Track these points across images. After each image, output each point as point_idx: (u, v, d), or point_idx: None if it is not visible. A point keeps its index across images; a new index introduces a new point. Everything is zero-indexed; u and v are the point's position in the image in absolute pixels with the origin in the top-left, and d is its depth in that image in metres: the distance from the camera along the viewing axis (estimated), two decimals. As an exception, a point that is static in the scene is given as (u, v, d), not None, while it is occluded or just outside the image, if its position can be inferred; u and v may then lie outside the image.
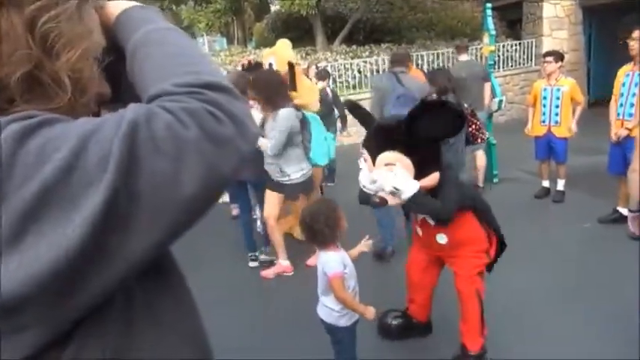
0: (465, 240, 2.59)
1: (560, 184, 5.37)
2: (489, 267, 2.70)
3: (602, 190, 5.27)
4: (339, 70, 10.04)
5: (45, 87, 0.65)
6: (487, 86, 6.02)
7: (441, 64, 10.38)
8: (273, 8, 17.16)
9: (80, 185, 0.55)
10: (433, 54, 10.67)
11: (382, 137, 2.41)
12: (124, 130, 0.57)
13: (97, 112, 0.78)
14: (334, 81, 9.51)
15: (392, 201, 2.37)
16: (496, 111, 6.20)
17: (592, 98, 11.13)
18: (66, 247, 0.53)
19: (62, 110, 0.64)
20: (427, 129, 2.24)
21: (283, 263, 4.17)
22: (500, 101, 5.98)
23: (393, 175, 2.30)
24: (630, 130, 4.31)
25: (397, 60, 4.65)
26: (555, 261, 3.95)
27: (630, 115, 4.33)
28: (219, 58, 11.19)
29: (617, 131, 4.44)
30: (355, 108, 2.71)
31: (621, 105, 4.44)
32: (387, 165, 2.34)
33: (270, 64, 4.46)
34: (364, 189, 2.46)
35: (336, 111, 6.63)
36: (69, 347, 0.61)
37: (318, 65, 7.70)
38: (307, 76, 6.35)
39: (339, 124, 6.81)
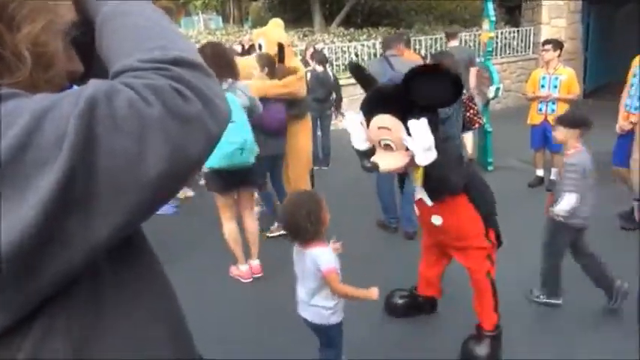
0: (459, 224, 2.57)
1: (554, 174, 5.39)
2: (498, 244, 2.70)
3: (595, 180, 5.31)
4: (336, 53, 9.95)
5: (5, 60, 0.62)
6: (472, 71, 6.06)
7: (438, 49, 10.31)
8: (271, -13, 16.89)
9: (34, 164, 0.52)
10: (431, 38, 10.59)
11: (379, 100, 2.39)
12: (81, 107, 0.55)
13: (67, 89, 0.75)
14: (330, 64, 9.43)
15: (383, 167, 2.36)
16: (493, 99, 6.19)
17: (588, 88, 11.12)
18: (21, 229, 0.52)
19: (23, 85, 0.62)
20: (424, 94, 2.19)
21: (241, 268, 3.83)
22: (498, 89, 5.97)
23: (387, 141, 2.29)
24: (634, 124, 4.18)
25: (388, 44, 4.66)
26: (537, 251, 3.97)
27: (636, 108, 4.17)
28: (215, 36, 11.05)
29: (622, 124, 4.32)
30: (358, 71, 2.68)
31: (630, 96, 4.27)
32: (380, 128, 2.32)
33: (260, 45, 4.42)
34: (360, 145, 2.48)
35: (333, 95, 6.60)
36: (33, 329, 0.60)
37: (316, 47, 7.61)
38: (305, 58, 6.30)
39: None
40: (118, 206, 0.57)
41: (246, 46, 6.64)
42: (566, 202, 2.85)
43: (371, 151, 2.42)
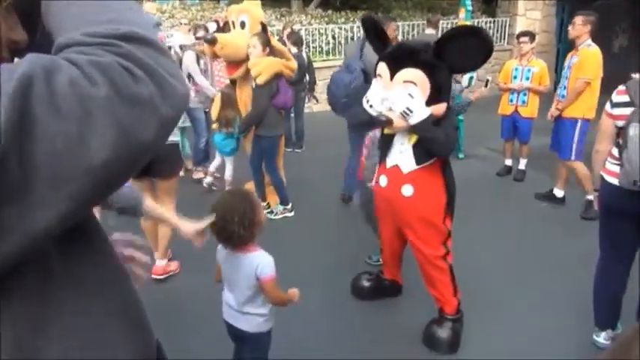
0: (427, 197, 2.57)
1: (522, 164, 5.51)
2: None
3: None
4: (313, 35, 9.85)
5: None
6: None
7: (416, 35, 10.33)
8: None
9: None
10: (409, 25, 10.59)
11: (407, 54, 2.42)
12: (14, 86, 0.49)
13: (10, 60, 0.68)
14: (307, 45, 9.33)
15: (398, 122, 2.39)
16: (467, 87, 6.24)
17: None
18: None
19: None
20: (455, 55, 2.31)
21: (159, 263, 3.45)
22: (471, 78, 6.01)
23: (409, 97, 2.31)
24: (561, 110, 4.50)
25: None
26: (511, 237, 4.09)
27: (563, 96, 4.54)
28: (191, 12, 10.79)
29: (551, 111, 4.62)
30: (370, 22, 2.67)
31: (559, 87, 4.68)
32: (405, 82, 2.35)
33: (243, 23, 4.32)
34: (370, 109, 2.47)
35: (307, 77, 6.53)
36: None
37: (293, 28, 7.52)
38: (282, 39, 6.21)
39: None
40: (58, 195, 0.52)
41: (221, 23, 6.49)
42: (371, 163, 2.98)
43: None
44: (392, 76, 2.41)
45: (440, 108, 2.43)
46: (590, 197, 4.35)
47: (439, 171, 2.58)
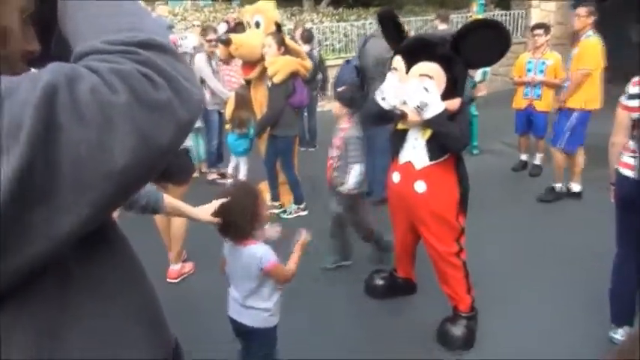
0: (440, 193, 2.55)
1: (538, 158, 5.44)
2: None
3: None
4: (325, 33, 9.84)
5: None
6: None
7: (428, 30, 10.25)
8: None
9: None
10: (421, 20, 10.52)
11: (423, 48, 2.42)
12: (39, 95, 0.51)
13: (24, 70, 0.69)
14: (319, 44, 9.33)
15: (412, 116, 2.39)
16: (480, 82, 6.18)
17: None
18: None
19: None
20: (472, 49, 2.31)
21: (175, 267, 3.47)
22: (485, 72, 5.95)
23: (425, 91, 2.31)
24: (563, 101, 4.55)
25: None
26: (526, 232, 4.04)
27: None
28: (203, 14, 10.87)
29: (553, 104, 4.83)
30: (387, 16, 2.69)
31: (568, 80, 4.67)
32: (421, 75, 2.35)
33: (258, 23, 4.34)
34: (382, 101, 2.48)
35: (320, 75, 6.53)
36: None
37: (305, 27, 7.53)
38: (294, 39, 6.23)
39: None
40: (82, 199, 0.54)
41: (232, 24, 6.53)
42: (355, 174, 3.10)
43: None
44: (408, 70, 2.40)
45: (455, 103, 2.42)
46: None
47: (452, 167, 2.57)
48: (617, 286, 2.60)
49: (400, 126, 2.60)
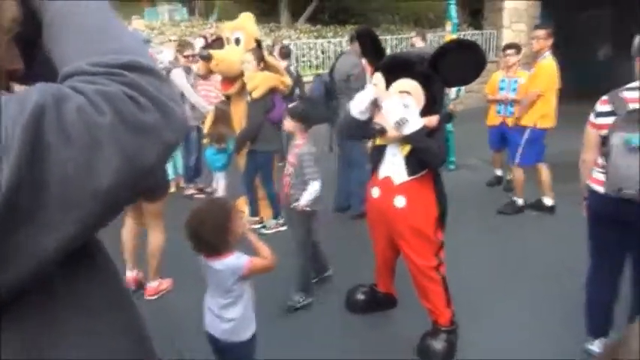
0: (419, 208, 2.59)
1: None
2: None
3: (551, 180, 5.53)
4: (302, 49, 9.93)
5: None
6: None
7: (404, 49, 10.45)
8: (238, -19, 16.68)
9: None
10: (397, 38, 10.72)
11: (403, 65, 2.48)
12: (28, 115, 0.51)
13: (8, 89, 0.70)
14: (297, 60, 9.41)
15: (391, 132, 2.42)
16: (454, 99, 6.32)
17: (545, 91, 11.51)
18: None
19: None
20: (449, 68, 2.38)
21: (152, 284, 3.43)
22: (459, 89, 6.10)
23: (404, 107, 2.35)
24: (517, 118, 4.81)
25: (350, 39, 4.77)
26: (501, 247, 4.11)
27: (511, 113, 5.02)
28: (180, 28, 10.85)
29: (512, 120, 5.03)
30: (366, 34, 2.73)
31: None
32: (401, 92, 2.39)
33: (238, 39, 4.36)
34: (360, 115, 2.50)
35: (297, 91, 6.56)
36: None
37: (283, 43, 7.59)
38: (272, 55, 6.27)
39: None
40: (67, 218, 0.55)
41: (209, 40, 6.53)
42: (312, 191, 3.03)
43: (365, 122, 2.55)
44: (387, 86, 2.45)
45: (433, 120, 2.47)
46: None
47: (431, 182, 2.61)
48: (592, 299, 2.66)
49: (379, 141, 2.64)
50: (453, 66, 2.38)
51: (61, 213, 0.54)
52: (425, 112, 2.43)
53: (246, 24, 4.44)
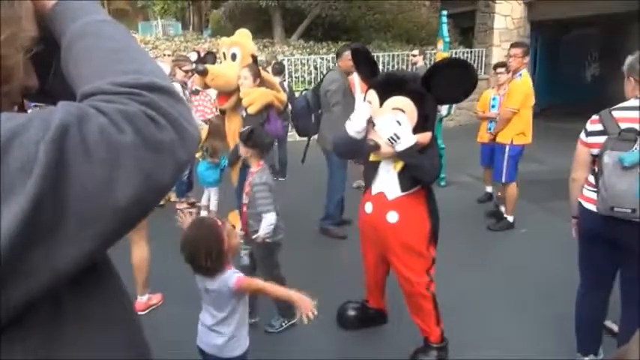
0: (412, 224, 2.60)
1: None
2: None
3: (540, 197, 5.59)
4: (295, 65, 10.01)
5: None
6: None
7: (396, 66, 10.58)
8: (232, -3, 16.85)
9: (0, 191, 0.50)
10: (389, 55, 10.85)
11: (396, 83, 2.51)
12: (53, 134, 0.53)
13: (21, 104, 0.73)
14: (290, 75, 9.47)
15: (385, 148, 2.45)
16: (446, 116, 6.39)
17: (535, 109, 11.66)
18: None
19: None
20: (442, 86, 2.43)
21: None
22: (450, 107, 6.16)
23: (397, 124, 2.38)
24: (493, 134, 4.96)
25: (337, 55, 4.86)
26: (492, 263, 4.13)
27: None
28: (174, 43, 10.89)
29: (485, 136, 5.25)
30: (361, 52, 2.77)
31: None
32: (394, 109, 2.43)
33: (234, 55, 4.39)
34: (357, 134, 2.52)
35: (290, 106, 6.60)
36: None
37: (277, 58, 7.65)
38: (266, 70, 6.31)
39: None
40: (85, 234, 0.56)
41: (202, 54, 6.57)
42: (267, 223, 2.83)
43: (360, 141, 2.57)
44: (381, 103, 2.49)
45: (426, 136, 2.51)
46: (510, 219, 4.91)
47: (423, 198, 2.63)
48: (582, 317, 2.68)
49: (373, 157, 2.66)
50: (446, 84, 2.43)
51: (80, 229, 0.55)
52: (417, 130, 2.46)
53: (242, 40, 4.48)
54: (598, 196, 2.35)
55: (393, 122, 2.39)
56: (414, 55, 7.56)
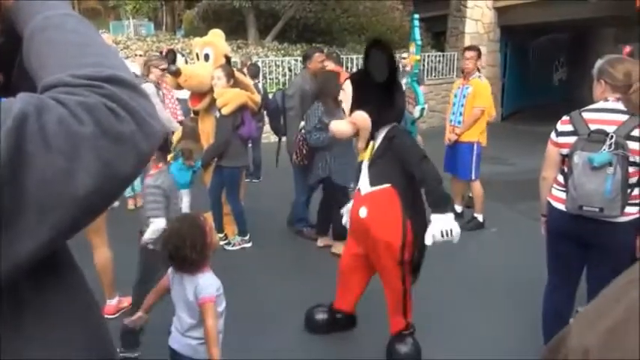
0: (381, 217, 2.62)
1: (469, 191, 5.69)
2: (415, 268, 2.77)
3: (509, 198, 5.71)
4: (269, 67, 9.99)
5: None
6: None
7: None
8: (205, -3, 16.72)
9: None
10: (362, 57, 10.92)
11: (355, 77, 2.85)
12: (10, 124, 0.53)
13: None
14: (264, 77, 9.45)
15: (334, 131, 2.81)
16: (418, 118, 6.46)
17: (505, 112, 11.95)
18: None
19: None
20: (373, 70, 2.64)
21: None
22: (423, 109, 6.22)
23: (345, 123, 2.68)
24: (459, 135, 4.98)
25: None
26: (462, 262, 4.20)
27: (459, 122, 5.01)
28: (146, 43, 10.74)
29: (449, 136, 5.11)
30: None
31: (453, 113, 5.13)
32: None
33: (207, 55, 4.35)
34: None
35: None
36: None
37: (251, 59, 7.62)
38: (242, 72, 6.27)
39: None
40: (44, 224, 0.56)
41: (165, 53, 6.46)
42: (154, 229, 2.60)
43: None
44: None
45: (356, 116, 2.67)
46: (480, 217, 5.04)
47: (394, 195, 2.63)
48: (549, 313, 2.74)
49: (360, 157, 2.81)
50: (376, 64, 2.62)
51: (38, 218, 0.55)
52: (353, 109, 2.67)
53: (215, 40, 4.45)
54: (567, 195, 2.41)
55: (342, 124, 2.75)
56: (404, 59, 7.08)
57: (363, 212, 2.65)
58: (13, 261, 0.56)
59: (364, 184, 2.69)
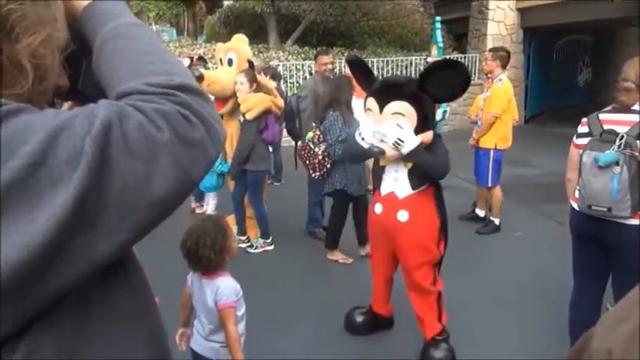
0: (421, 221, 2.67)
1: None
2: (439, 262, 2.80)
3: (533, 200, 5.64)
4: (290, 70, 10.06)
5: (5, 71, 0.62)
6: None
7: (390, 71, 10.65)
8: (226, 2, 16.92)
9: (47, 183, 0.53)
10: (383, 61, 10.91)
11: (392, 88, 2.61)
12: (98, 129, 0.56)
13: (52, 103, 0.76)
14: (285, 81, 9.51)
15: (390, 152, 2.52)
16: (440, 121, 6.43)
17: (529, 114, 11.78)
18: (27, 247, 0.52)
19: (21, 98, 0.62)
20: (436, 86, 2.52)
21: None
22: (445, 111, 6.21)
23: (399, 128, 2.45)
24: (476, 140, 4.93)
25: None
26: (488, 266, 4.16)
27: (479, 127, 4.96)
28: (169, 48, 10.91)
29: (470, 141, 5.07)
30: (357, 63, 2.87)
31: (478, 118, 5.05)
32: (394, 114, 2.50)
33: (230, 60, 4.43)
34: (362, 142, 2.60)
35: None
36: (20, 348, 0.59)
37: (271, 64, 7.69)
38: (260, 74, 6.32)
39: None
40: (123, 225, 0.59)
41: (195, 59, 6.58)
42: None
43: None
44: (381, 110, 2.56)
45: (428, 135, 2.59)
46: (496, 221, 4.94)
47: (432, 195, 2.72)
48: (575, 318, 2.70)
49: (382, 162, 2.75)
50: (440, 83, 2.52)
51: (119, 220, 0.58)
52: (418, 130, 2.54)
53: (239, 45, 4.53)
54: (579, 195, 2.42)
55: (394, 127, 2.47)
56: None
57: (403, 216, 2.66)
58: (92, 262, 0.58)
59: (402, 188, 2.67)
